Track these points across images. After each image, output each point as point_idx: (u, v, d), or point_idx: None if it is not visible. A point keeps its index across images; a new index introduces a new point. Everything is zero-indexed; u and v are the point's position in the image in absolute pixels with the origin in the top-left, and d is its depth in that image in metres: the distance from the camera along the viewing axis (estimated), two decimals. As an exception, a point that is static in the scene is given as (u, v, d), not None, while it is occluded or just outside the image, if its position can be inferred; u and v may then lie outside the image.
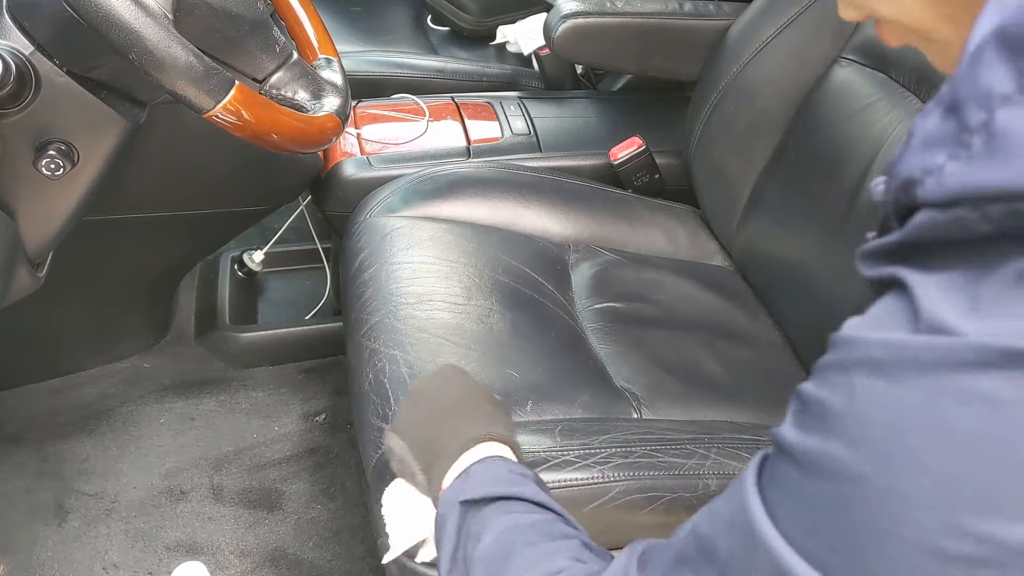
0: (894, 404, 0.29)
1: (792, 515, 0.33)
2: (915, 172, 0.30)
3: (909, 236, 0.30)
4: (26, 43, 0.74)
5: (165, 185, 1.20)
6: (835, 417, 0.31)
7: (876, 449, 0.30)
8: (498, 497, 0.55)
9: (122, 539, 1.19)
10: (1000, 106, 0.27)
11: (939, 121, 0.29)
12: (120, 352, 1.42)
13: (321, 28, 0.96)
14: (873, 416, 0.30)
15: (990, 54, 0.28)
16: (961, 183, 0.28)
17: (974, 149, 0.27)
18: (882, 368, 0.30)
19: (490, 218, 1.14)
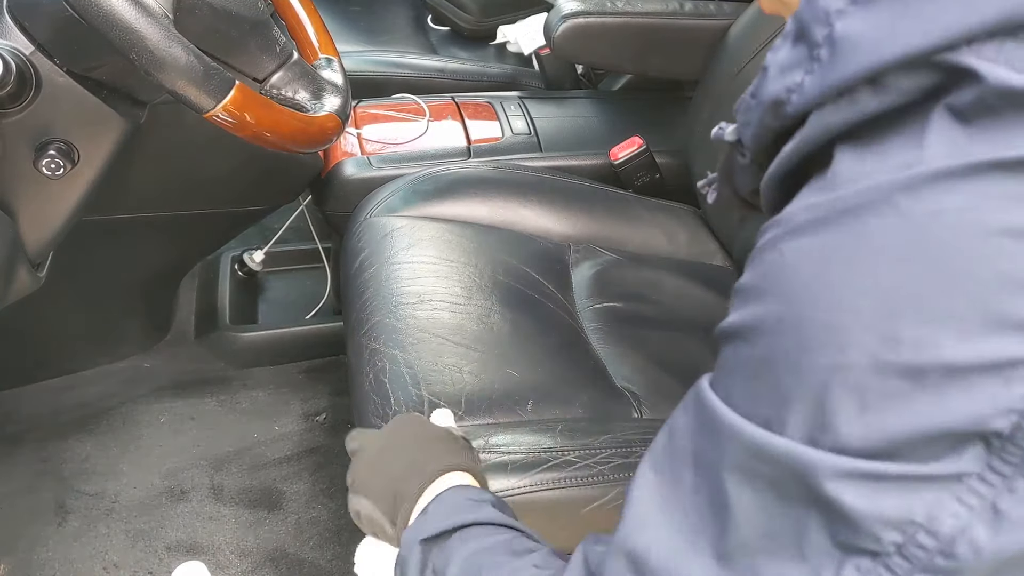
0: (820, 247, 0.32)
1: (745, 390, 0.34)
2: (780, 94, 0.34)
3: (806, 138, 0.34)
4: (26, 43, 0.74)
5: (165, 185, 1.20)
6: (767, 283, 0.34)
7: (809, 291, 0.32)
8: (457, 527, 0.53)
9: (122, 539, 1.19)
10: (837, 19, 0.32)
11: (790, 49, 0.34)
12: (120, 352, 1.42)
13: (321, 28, 0.96)
14: (802, 266, 0.32)
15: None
16: (818, 87, 0.32)
17: (823, 60, 0.32)
18: (805, 227, 0.32)
19: (490, 218, 1.14)
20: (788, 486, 0.32)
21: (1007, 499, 0.29)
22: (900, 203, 0.30)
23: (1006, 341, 0.28)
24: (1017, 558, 0.30)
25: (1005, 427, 0.28)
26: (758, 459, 0.33)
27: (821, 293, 0.31)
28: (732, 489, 0.34)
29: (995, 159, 0.28)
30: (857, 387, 0.30)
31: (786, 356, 0.32)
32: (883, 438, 0.30)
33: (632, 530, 0.38)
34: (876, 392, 0.30)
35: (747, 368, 0.34)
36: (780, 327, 0.33)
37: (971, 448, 0.29)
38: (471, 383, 0.88)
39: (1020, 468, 0.29)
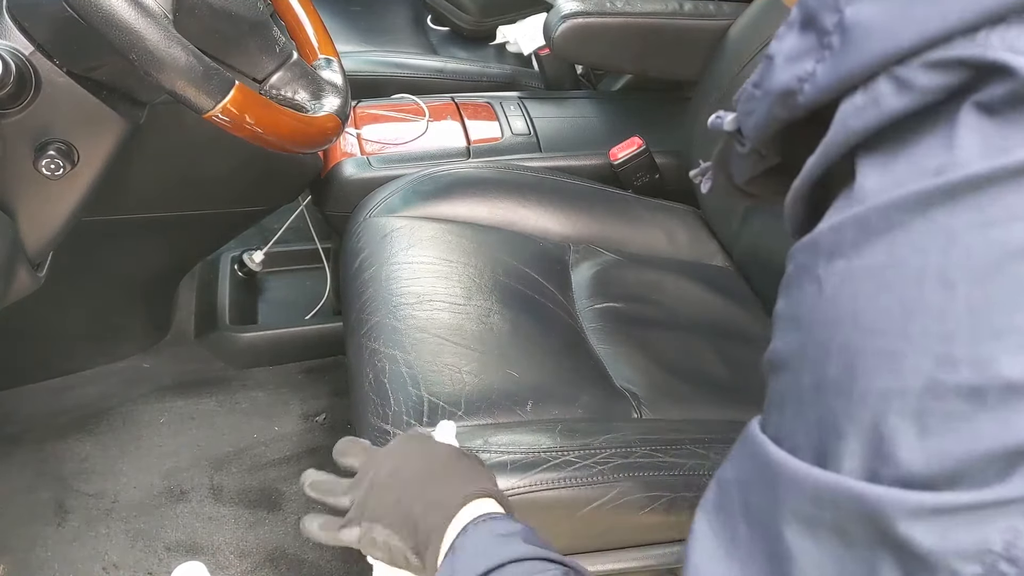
0: (859, 271, 0.30)
1: (795, 424, 0.33)
2: (791, 83, 0.33)
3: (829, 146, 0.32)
4: (26, 43, 0.74)
5: (165, 185, 1.20)
6: (807, 310, 0.32)
7: (854, 317, 0.30)
8: (491, 569, 0.52)
9: (122, 539, 1.19)
10: (847, 5, 0.31)
11: (797, 38, 0.33)
12: (120, 352, 1.42)
13: (321, 28, 0.96)
14: (842, 291, 0.31)
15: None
16: (833, 76, 0.31)
17: (835, 47, 0.31)
18: (839, 250, 0.31)
19: (490, 218, 1.14)
20: (853, 531, 0.30)
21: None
22: (937, 217, 0.28)
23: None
24: None
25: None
26: (817, 504, 0.31)
27: (867, 318, 0.30)
28: (792, 540, 0.32)
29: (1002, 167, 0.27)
30: (915, 412, 0.29)
31: (836, 384, 0.31)
32: (947, 463, 0.28)
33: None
34: (935, 415, 0.29)
35: (795, 400, 0.33)
36: (826, 355, 0.31)
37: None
38: (471, 383, 0.88)
39: None
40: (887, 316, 0.30)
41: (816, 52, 0.32)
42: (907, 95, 0.30)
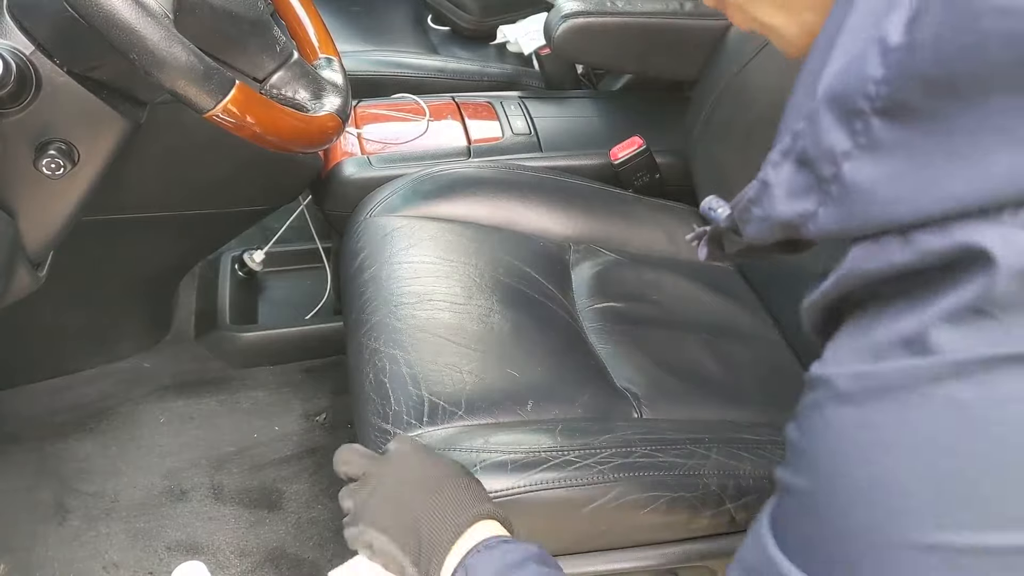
0: (865, 423, 0.33)
1: (797, 544, 0.36)
2: (793, 218, 0.35)
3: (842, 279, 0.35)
4: (26, 43, 0.74)
5: (165, 185, 1.20)
6: (815, 447, 0.35)
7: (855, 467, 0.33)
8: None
9: (122, 539, 1.19)
10: (844, 160, 0.32)
11: (794, 172, 0.35)
12: (120, 352, 1.42)
13: (321, 28, 0.96)
14: (847, 438, 0.33)
15: (826, 117, 0.33)
16: (836, 225, 0.33)
17: (834, 196, 0.33)
18: (850, 397, 0.33)
19: (490, 218, 1.14)
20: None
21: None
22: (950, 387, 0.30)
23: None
24: None
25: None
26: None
27: (866, 471, 0.32)
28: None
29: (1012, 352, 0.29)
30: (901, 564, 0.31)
31: (833, 523, 0.34)
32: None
33: None
34: (920, 572, 0.31)
35: (800, 524, 0.36)
36: (829, 495, 0.34)
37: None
38: (471, 383, 0.88)
39: None
40: (885, 473, 0.32)
41: (817, 194, 0.34)
42: (912, 253, 0.31)
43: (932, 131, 0.30)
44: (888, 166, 0.31)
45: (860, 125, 0.32)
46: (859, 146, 0.32)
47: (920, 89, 0.30)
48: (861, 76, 0.32)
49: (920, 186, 0.30)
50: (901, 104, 0.31)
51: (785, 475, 0.37)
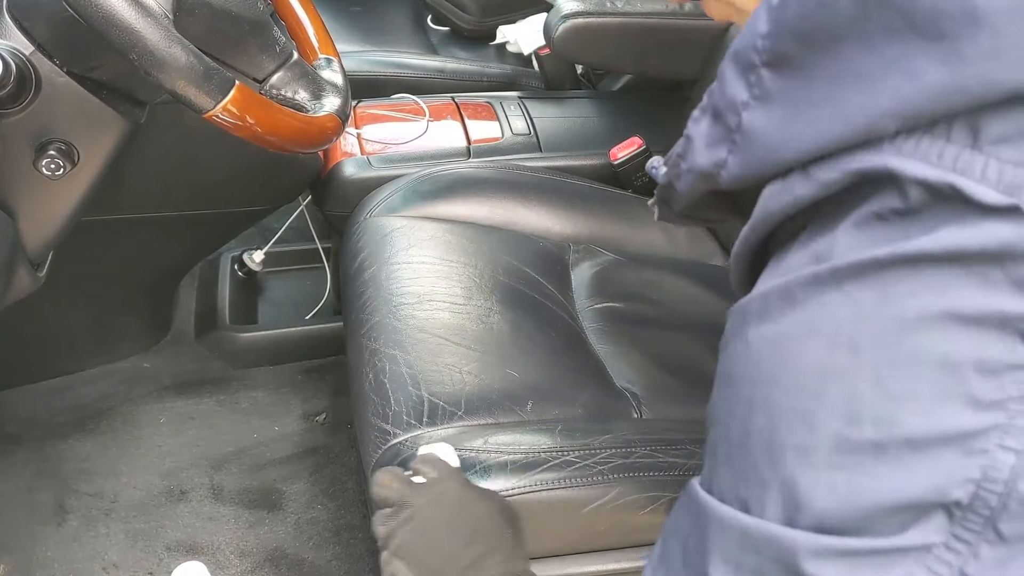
0: (780, 335, 0.35)
1: (725, 475, 0.37)
2: (709, 167, 0.38)
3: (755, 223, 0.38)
4: (26, 43, 0.74)
5: (165, 185, 1.20)
6: (737, 369, 0.37)
7: (774, 377, 0.34)
8: None
9: (122, 539, 1.19)
10: (744, 110, 0.36)
11: (710, 125, 0.38)
12: (120, 352, 1.42)
13: (321, 28, 0.96)
14: (765, 352, 0.35)
15: (730, 71, 0.36)
16: (741, 169, 0.36)
17: (739, 144, 0.36)
18: (764, 315, 0.35)
19: (490, 218, 1.14)
20: (770, 568, 0.34)
21: (973, 564, 0.31)
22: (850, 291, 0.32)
23: (960, 416, 0.30)
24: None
25: (964, 497, 0.31)
26: (741, 548, 0.35)
27: (786, 378, 0.34)
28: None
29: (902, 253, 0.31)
30: (827, 465, 0.32)
31: (759, 439, 0.35)
32: (854, 513, 0.32)
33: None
34: (844, 469, 0.32)
35: (726, 452, 0.37)
36: (751, 410, 0.35)
37: (935, 518, 0.31)
38: (471, 383, 0.88)
39: (982, 535, 0.31)
40: (803, 377, 0.33)
41: (727, 143, 0.37)
42: (812, 185, 0.34)
43: (804, 79, 0.33)
44: (776, 113, 0.35)
45: (754, 77, 0.35)
46: (754, 96, 0.35)
47: (792, 41, 0.34)
48: (753, 32, 0.35)
49: (800, 128, 0.33)
50: (781, 56, 0.34)
51: (711, 410, 0.39)
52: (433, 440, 0.82)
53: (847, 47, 0.32)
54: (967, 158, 0.30)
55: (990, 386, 0.30)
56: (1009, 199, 0.29)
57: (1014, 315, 0.30)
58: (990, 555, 0.31)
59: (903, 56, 0.30)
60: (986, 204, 0.30)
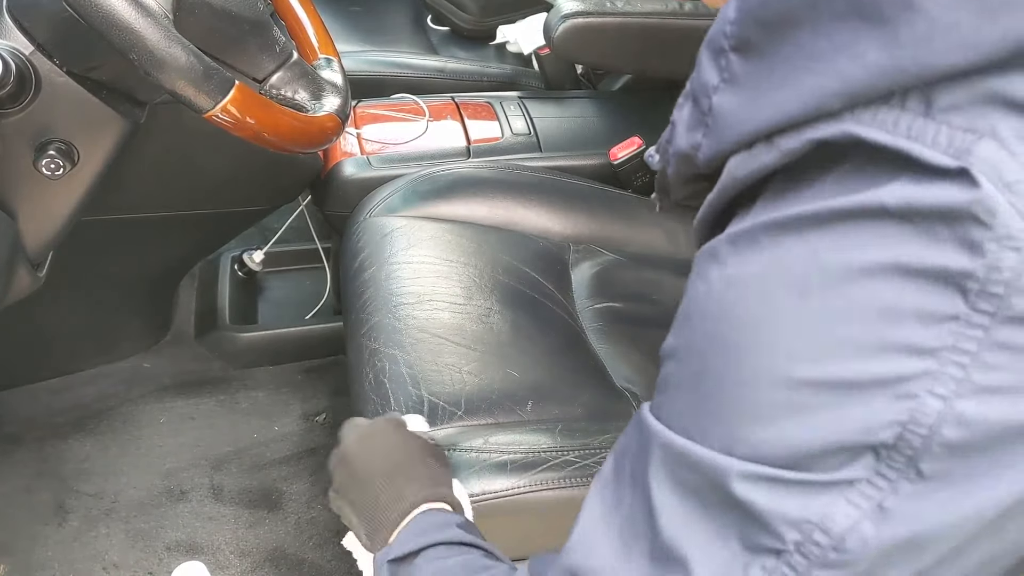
0: (737, 277, 0.37)
1: (675, 406, 0.39)
2: (687, 149, 0.40)
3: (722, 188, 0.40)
4: (26, 43, 0.74)
5: (165, 185, 1.20)
6: (696, 307, 0.39)
7: (728, 315, 0.37)
8: (423, 547, 0.57)
9: (122, 539, 1.19)
10: (714, 93, 0.38)
11: (691, 110, 0.40)
12: (120, 352, 1.42)
13: (321, 28, 0.96)
14: (723, 292, 0.37)
15: (703, 58, 0.39)
16: (713, 149, 0.39)
17: (711, 126, 0.39)
18: (730, 257, 0.37)
19: (490, 218, 1.14)
20: (707, 492, 0.36)
21: (892, 499, 0.33)
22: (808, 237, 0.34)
23: (895, 362, 0.32)
24: (898, 545, 0.34)
25: (890, 438, 0.33)
26: (682, 466, 0.37)
27: (741, 317, 0.36)
28: (660, 497, 0.38)
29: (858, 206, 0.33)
30: (768, 403, 0.35)
31: (709, 373, 0.37)
32: (788, 450, 0.34)
33: (574, 549, 0.42)
34: (782, 407, 0.34)
35: (678, 385, 0.39)
36: (708, 346, 0.38)
37: (863, 458, 0.33)
38: (471, 383, 0.88)
39: (904, 472, 0.33)
40: (755, 316, 0.35)
41: (702, 127, 0.39)
42: (778, 154, 0.36)
43: (766, 62, 0.36)
44: (742, 95, 0.37)
45: (724, 61, 0.38)
46: (723, 80, 0.38)
47: (755, 27, 0.36)
48: (723, 19, 0.38)
49: (762, 108, 0.36)
50: (746, 41, 0.37)
51: (666, 347, 0.41)
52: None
53: (802, 32, 0.34)
54: (920, 125, 0.32)
55: (927, 335, 0.32)
56: (958, 162, 0.31)
57: (956, 271, 0.31)
58: (909, 490, 0.33)
59: (850, 40, 0.33)
60: (937, 166, 0.31)
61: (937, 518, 0.33)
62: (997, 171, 0.31)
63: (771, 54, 0.36)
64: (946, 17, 0.30)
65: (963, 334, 0.31)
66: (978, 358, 0.32)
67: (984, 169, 0.31)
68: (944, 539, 0.34)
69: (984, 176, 0.31)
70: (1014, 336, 0.31)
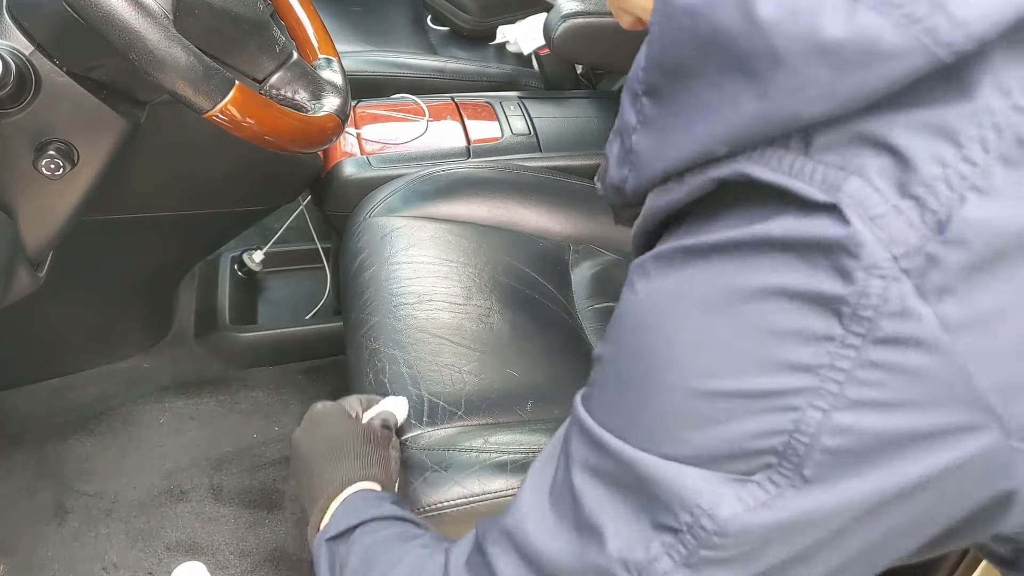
0: (658, 291, 0.41)
1: (602, 404, 0.43)
2: (617, 182, 0.44)
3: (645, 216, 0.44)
4: (26, 43, 0.74)
5: (165, 185, 1.20)
6: (625, 314, 0.43)
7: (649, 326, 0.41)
8: (357, 524, 0.62)
9: (122, 539, 1.19)
10: (633, 133, 0.42)
11: (619, 146, 0.43)
12: (120, 352, 1.42)
13: (321, 28, 0.96)
14: (649, 306, 0.41)
15: (624, 100, 0.42)
16: (635, 184, 0.42)
17: (633, 163, 0.42)
18: (654, 272, 0.41)
19: (490, 218, 1.14)
20: (621, 476, 0.41)
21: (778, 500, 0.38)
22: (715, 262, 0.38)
23: (781, 377, 0.36)
24: (776, 532, 0.38)
25: (779, 445, 0.37)
26: (602, 454, 0.42)
27: (654, 329, 0.40)
28: (581, 483, 0.43)
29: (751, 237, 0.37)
30: (672, 410, 0.39)
31: (627, 379, 0.41)
32: (693, 451, 0.39)
33: (514, 513, 0.47)
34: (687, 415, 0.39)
35: (603, 386, 0.43)
36: (626, 355, 0.42)
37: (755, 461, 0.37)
38: (471, 383, 0.88)
39: (791, 479, 0.37)
40: (668, 330, 0.40)
41: (627, 163, 0.43)
42: (687, 189, 0.40)
43: (670, 107, 0.39)
44: (653, 136, 0.40)
45: (639, 104, 0.41)
46: (639, 121, 0.41)
47: (660, 75, 0.39)
48: (637, 65, 0.41)
49: (667, 149, 0.39)
50: (654, 87, 0.40)
51: (599, 349, 0.45)
52: (433, 439, 0.82)
53: (695, 82, 0.37)
54: (800, 164, 0.36)
55: (808, 353, 0.35)
56: (829, 198, 0.34)
57: (831, 296, 0.35)
58: (792, 492, 0.37)
59: (732, 91, 0.36)
60: (814, 201, 0.35)
61: (812, 509, 0.37)
62: (863, 206, 0.34)
63: (674, 100, 0.39)
64: (807, 72, 0.33)
65: (838, 354, 0.35)
66: (852, 375, 0.35)
67: (851, 204, 0.34)
68: (818, 526, 0.38)
69: (851, 211, 0.34)
70: (883, 356, 0.35)
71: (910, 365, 0.35)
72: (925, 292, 0.34)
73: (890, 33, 0.32)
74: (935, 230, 0.33)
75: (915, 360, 0.35)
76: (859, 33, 0.32)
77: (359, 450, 0.71)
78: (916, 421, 0.36)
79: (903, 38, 0.32)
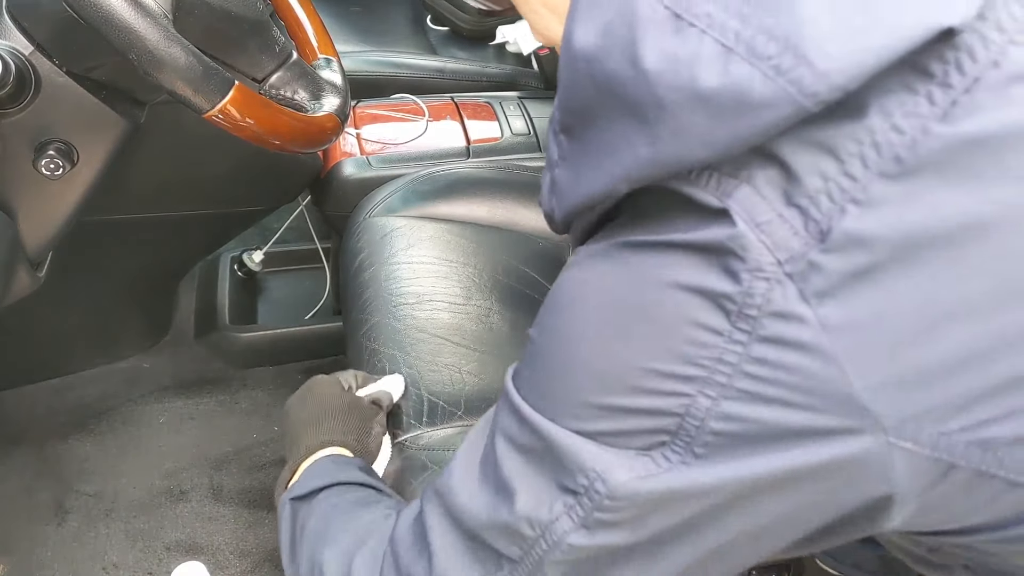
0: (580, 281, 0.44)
1: (526, 380, 0.47)
2: (547, 210, 0.47)
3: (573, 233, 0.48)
4: (26, 43, 0.74)
5: (165, 185, 1.20)
6: (549, 298, 0.46)
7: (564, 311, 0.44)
8: (323, 487, 0.65)
9: (122, 539, 1.19)
10: (556, 167, 0.45)
11: (548, 178, 0.46)
12: (120, 352, 1.42)
13: (321, 28, 0.96)
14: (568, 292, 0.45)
15: (550, 135, 0.45)
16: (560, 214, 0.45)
17: (556, 194, 0.45)
18: (574, 264, 0.45)
19: (490, 218, 1.14)
20: (535, 441, 0.45)
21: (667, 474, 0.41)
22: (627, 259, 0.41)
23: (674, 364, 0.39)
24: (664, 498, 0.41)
25: (672, 426, 0.40)
26: (519, 421, 0.46)
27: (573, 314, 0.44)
28: (503, 452, 0.47)
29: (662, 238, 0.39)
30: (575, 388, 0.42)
31: (549, 355, 0.45)
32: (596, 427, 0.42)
33: (446, 474, 0.52)
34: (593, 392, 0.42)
35: (531, 365, 0.47)
36: (548, 334, 0.45)
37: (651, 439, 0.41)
38: (471, 383, 0.88)
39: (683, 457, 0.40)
40: (583, 315, 0.43)
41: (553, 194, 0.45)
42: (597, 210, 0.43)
43: (582, 145, 0.42)
44: (570, 171, 0.43)
45: (559, 140, 0.44)
46: (561, 156, 0.44)
47: (570, 115, 0.42)
48: (555, 104, 0.44)
49: (581, 183, 0.42)
50: (567, 126, 0.43)
51: (531, 331, 0.48)
52: (433, 439, 0.82)
53: (599, 123, 0.40)
54: (700, 173, 0.38)
55: (700, 346, 0.38)
56: (721, 203, 0.37)
57: (720, 293, 0.37)
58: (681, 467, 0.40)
59: (628, 134, 0.38)
60: (709, 207, 0.37)
61: (696, 481, 0.41)
62: (751, 212, 0.36)
63: (584, 138, 0.41)
64: (687, 119, 0.35)
65: (727, 349, 0.38)
66: (739, 368, 0.38)
67: (739, 210, 0.37)
68: (700, 499, 0.41)
69: (739, 216, 0.37)
70: (767, 353, 0.37)
71: (791, 363, 0.37)
72: (807, 296, 0.36)
73: (759, 84, 0.34)
74: (817, 238, 0.36)
75: (796, 359, 0.37)
76: (732, 84, 0.34)
77: (341, 418, 0.75)
78: (794, 417, 0.38)
79: (771, 89, 0.34)
